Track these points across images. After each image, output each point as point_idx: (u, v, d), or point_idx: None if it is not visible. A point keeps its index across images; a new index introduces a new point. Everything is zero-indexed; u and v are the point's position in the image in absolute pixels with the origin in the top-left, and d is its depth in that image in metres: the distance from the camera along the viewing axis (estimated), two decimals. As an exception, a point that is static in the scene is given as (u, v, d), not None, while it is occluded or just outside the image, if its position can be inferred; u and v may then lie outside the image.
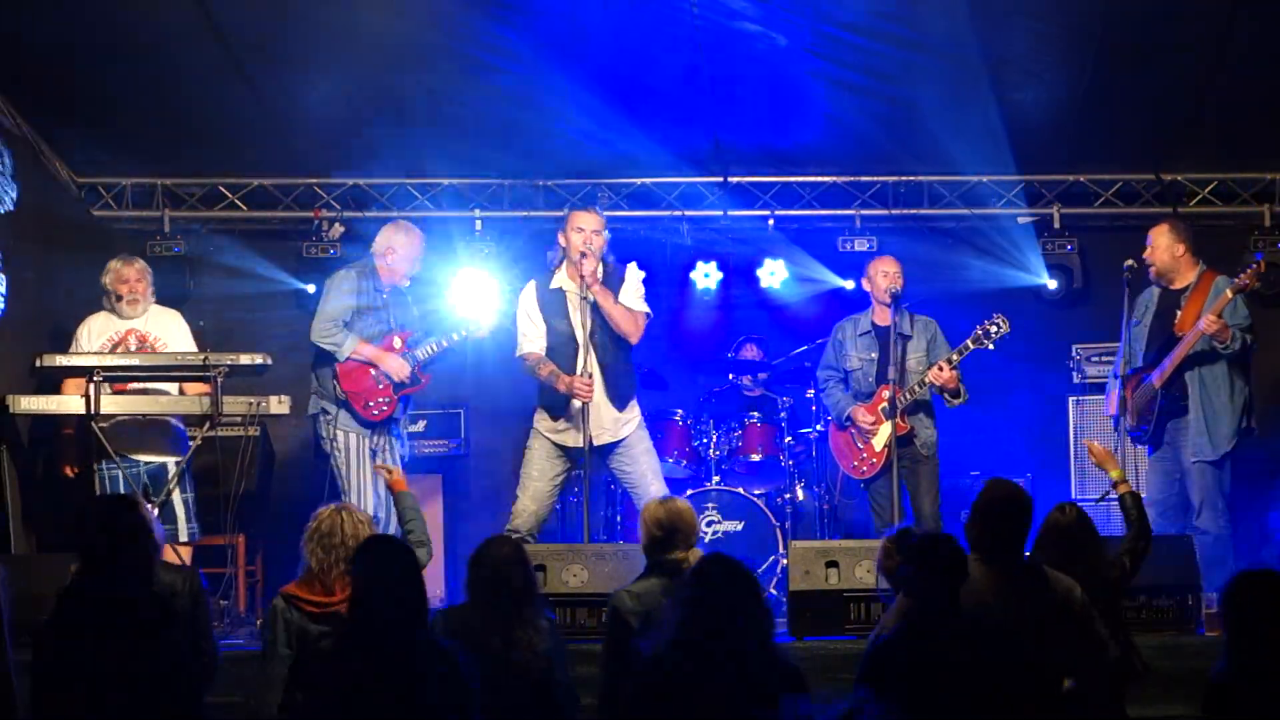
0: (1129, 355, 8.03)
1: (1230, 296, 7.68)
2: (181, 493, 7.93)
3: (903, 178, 10.12)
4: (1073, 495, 9.20)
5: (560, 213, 8.39)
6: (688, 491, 8.82)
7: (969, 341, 8.07)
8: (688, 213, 10.21)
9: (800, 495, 9.24)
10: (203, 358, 7.75)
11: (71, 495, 8.27)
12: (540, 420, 7.76)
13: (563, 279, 7.73)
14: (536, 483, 7.70)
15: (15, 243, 8.58)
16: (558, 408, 7.67)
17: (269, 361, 7.92)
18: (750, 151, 9.84)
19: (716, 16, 8.23)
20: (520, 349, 7.78)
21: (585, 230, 7.61)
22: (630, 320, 7.65)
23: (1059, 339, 9.77)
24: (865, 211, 10.18)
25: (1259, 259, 7.93)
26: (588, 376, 7.52)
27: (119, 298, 8.13)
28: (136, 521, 4.75)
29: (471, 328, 8.15)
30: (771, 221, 10.21)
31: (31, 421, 8.31)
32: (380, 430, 7.98)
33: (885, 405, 8.08)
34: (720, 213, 10.20)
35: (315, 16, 8.22)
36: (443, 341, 8.08)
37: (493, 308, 8.68)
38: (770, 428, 9.24)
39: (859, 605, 6.92)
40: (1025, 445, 9.91)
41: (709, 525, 8.85)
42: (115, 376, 7.75)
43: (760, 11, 8.21)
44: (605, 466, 7.94)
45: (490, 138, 9.61)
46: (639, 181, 10.17)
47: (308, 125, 9.40)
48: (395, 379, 7.91)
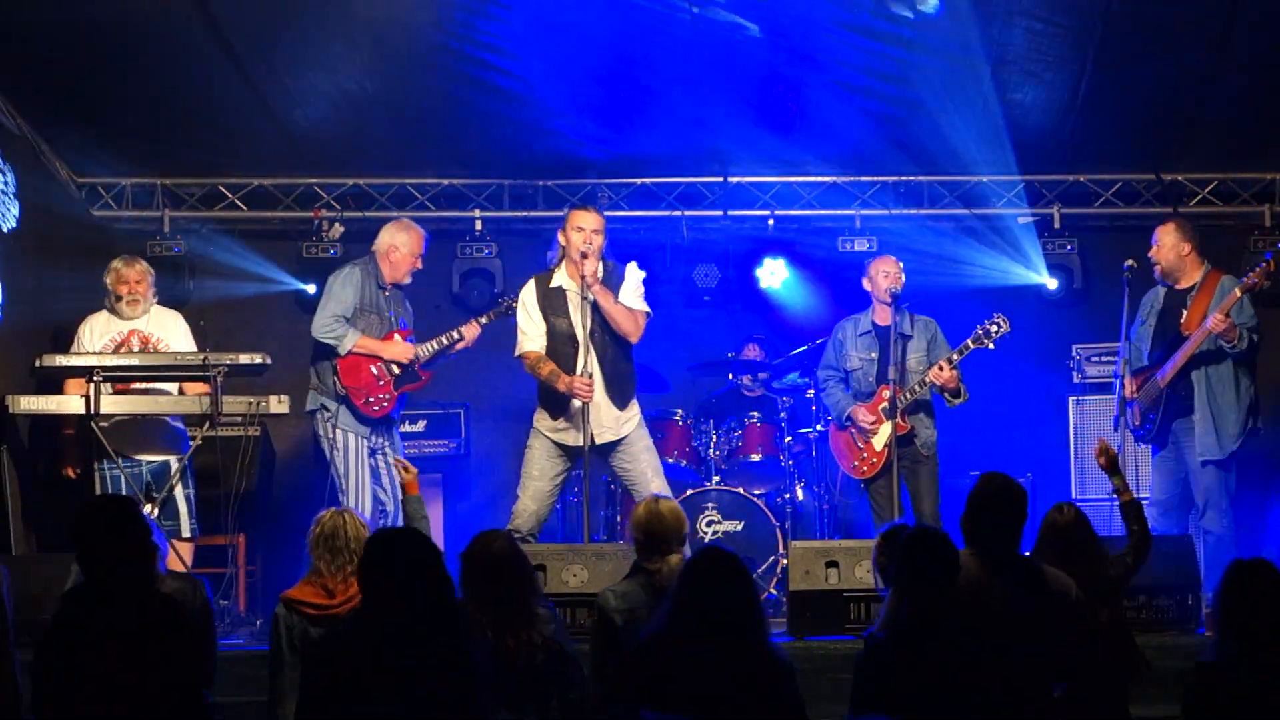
0: (1134, 355, 8.03)
1: (1239, 295, 7.67)
2: (184, 489, 7.95)
3: (903, 178, 10.12)
4: (1073, 495, 9.21)
5: (560, 213, 8.39)
6: (688, 491, 8.83)
7: (969, 341, 8.07)
8: (688, 213, 10.22)
9: (800, 495, 9.23)
10: (202, 357, 7.76)
11: (72, 495, 8.28)
12: (540, 419, 7.76)
13: (562, 278, 7.73)
14: (537, 482, 7.70)
15: (15, 243, 8.58)
16: (558, 407, 7.67)
17: (269, 361, 7.92)
18: (750, 151, 9.84)
19: (709, 12, 8.23)
20: (520, 348, 7.78)
21: (585, 229, 7.61)
22: (630, 319, 7.65)
23: (1059, 339, 9.77)
24: (865, 211, 10.18)
25: (1269, 258, 7.91)
26: (588, 376, 7.52)
27: (119, 298, 8.13)
28: (136, 522, 4.74)
29: (467, 333, 8.13)
30: (771, 222, 10.21)
31: (31, 421, 8.31)
32: (379, 430, 7.98)
33: (885, 405, 8.08)
34: (720, 213, 10.20)
35: (315, 17, 8.23)
36: (444, 340, 8.08)
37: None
38: (770, 428, 9.24)
39: (859, 605, 6.92)
40: (1025, 445, 9.91)
41: (709, 525, 8.84)
42: (117, 376, 7.76)
43: (761, 11, 8.22)
44: (606, 465, 7.93)
45: (490, 138, 9.62)
46: (639, 181, 10.18)
47: (308, 125, 9.40)
48: (402, 360, 7.90)
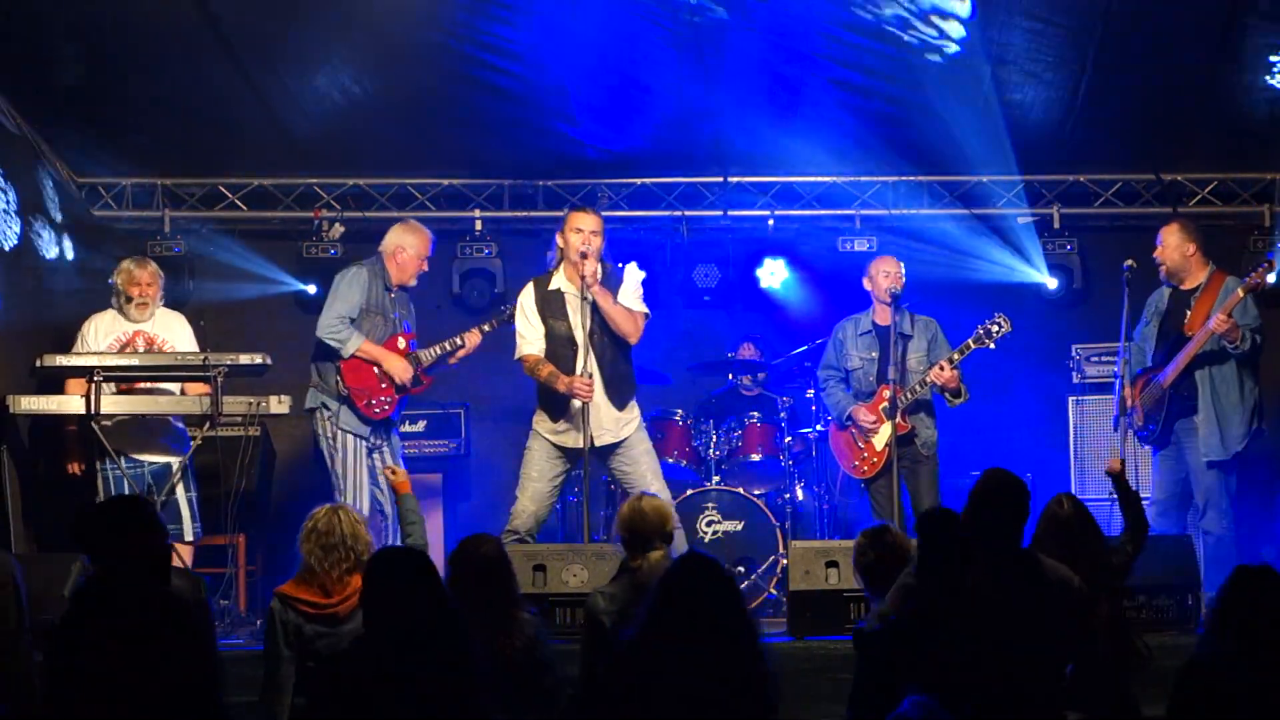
0: (1137, 355, 8.02)
1: (1241, 296, 7.67)
2: (186, 491, 7.94)
3: (903, 178, 10.13)
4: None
5: (560, 213, 8.39)
6: (688, 491, 8.83)
7: (970, 341, 8.07)
8: (688, 213, 10.22)
9: (800, 495, 9.23)
10: (202, 358, 7.76)
11: (72, 495, 8.27)
12: (540, 421, 7.75)
13: (561, 280, 7.72)
14: (536, 483, 7.69)
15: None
16: (557, 409, 7.66)
17: (269, 361, 7.93)
18: (750, 151, 9.84)
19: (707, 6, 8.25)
20: (519, 350, 7.77)
21: (584, 231, 7.60)
22: (630, 320, 7.65)
23: (1059, 339, 9.76)
24: (865, 211, 10.18)
25: (1270, 258, 7.91)
26: (588, 377, 7.52)
27: (129, 299, 8.11)
28: (149, 521, 4.71)
29: (469, 341, 8.10)
30: (771, 222, 10.21)
31: (32, 421, 8.31)
32: (379, 430, 7.98)
33: (886, 405, 8.08)
34: (720, 213, 10.20)
35: (316, 16, 8.23)
36: (445, 346, 8.05)
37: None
38: (770, 428, 9.23)
39: (859, 605, 6.92)
40: (1025, 445, 9.90)
41: (709, 525, 8.84)
42: (119, 376, 7.77)
43: (761, 10, 8.22)
44: (605, 467, 7.93)
45: (490, 138, 9.62)
46: (639, 181, 10.18)
47: (308, 125, 9.40)
48: (399, 379, 7.90)
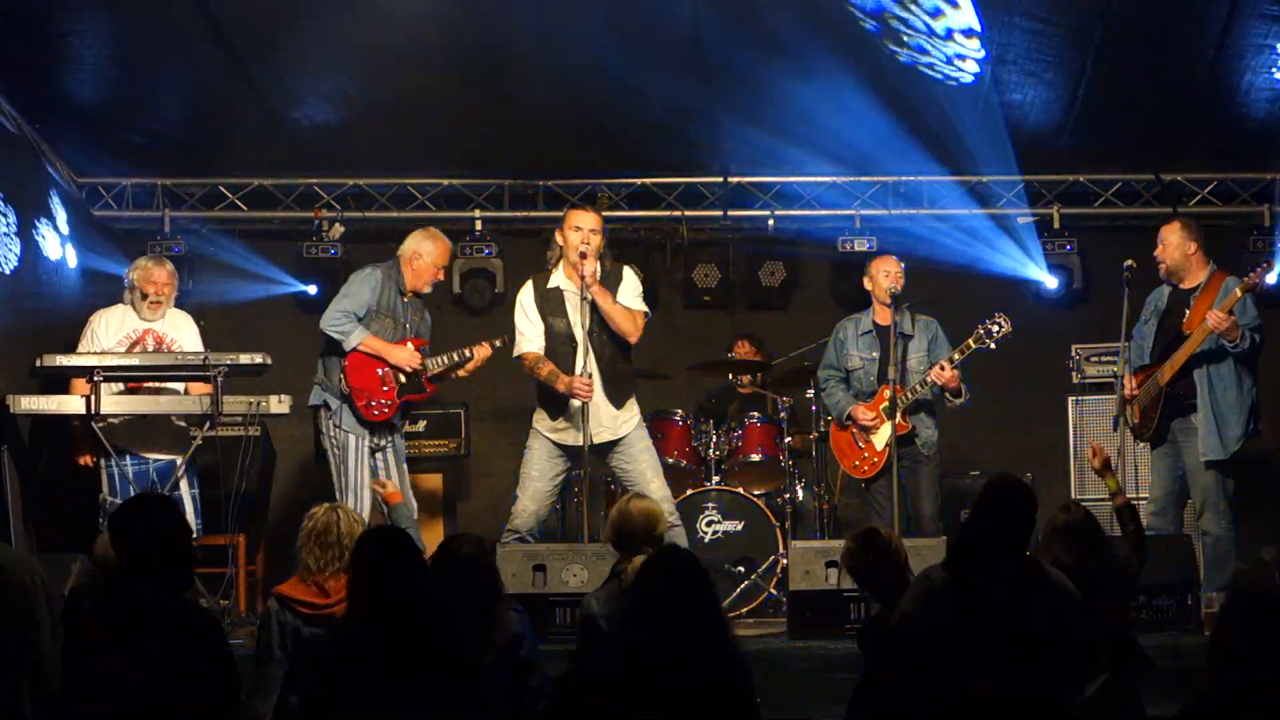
0: (1136, 353, 8.01)
1: (1239, 294, 7.66)
2: (189, 488, 7.95)
3: (903, 178, 10.13)
4: (1072, 495, 9.19)
5: (560, 213, 8.39)
6: (688, 491, 8.83)
7: (970, 341, 8.06)
8: (688, 213, 10.22)
9: (800, 495, 9.23)
10: (203, 357, 7.76)
11: (73, 495, 8.28)
12: (540, 420, 7.75)
13: (560, 278, 7.72)
14: (536, 483, 7.69)
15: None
16: (557, 407, 7.67)
17: (269, 361, 7.93)
18: (750, 151, 9.84)
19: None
20: (518, 349, 7.77)
21: (583, 229, 7.60)
22: (629, 320, 7.65)
23: (1059, 339, 9.76)
24: (865, 211, 10.19)
25: (1270, 257, 7.89)
26: (587, 376, 7.51)
27: (144, 296, 8.12)
28: (180, 521, 4.66)
29: (478, 354, 8.05)
30: (772, 222, 10.21)
31: (33, 421, 8.31)
32: (381, 431, 7.95)
33: (886, 405, 8.08)
34: (720, 213, 10.21)
35: (315, 16, 8.23)
36: (454, 356, 8.00)
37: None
38: (770, 428, 9.23)
39: (859, 605, 6.92)
40: (1025, 445, 9.92)
41: (709, 525, 8.84)
42: (121, 376, 7.77)
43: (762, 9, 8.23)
44: (605, 465, 7.93)
45: (490, 138, 9.62)
46: (639, 181, 10.18)
47: (308, 125, 9.40)
48: (407, 368, 7.85)
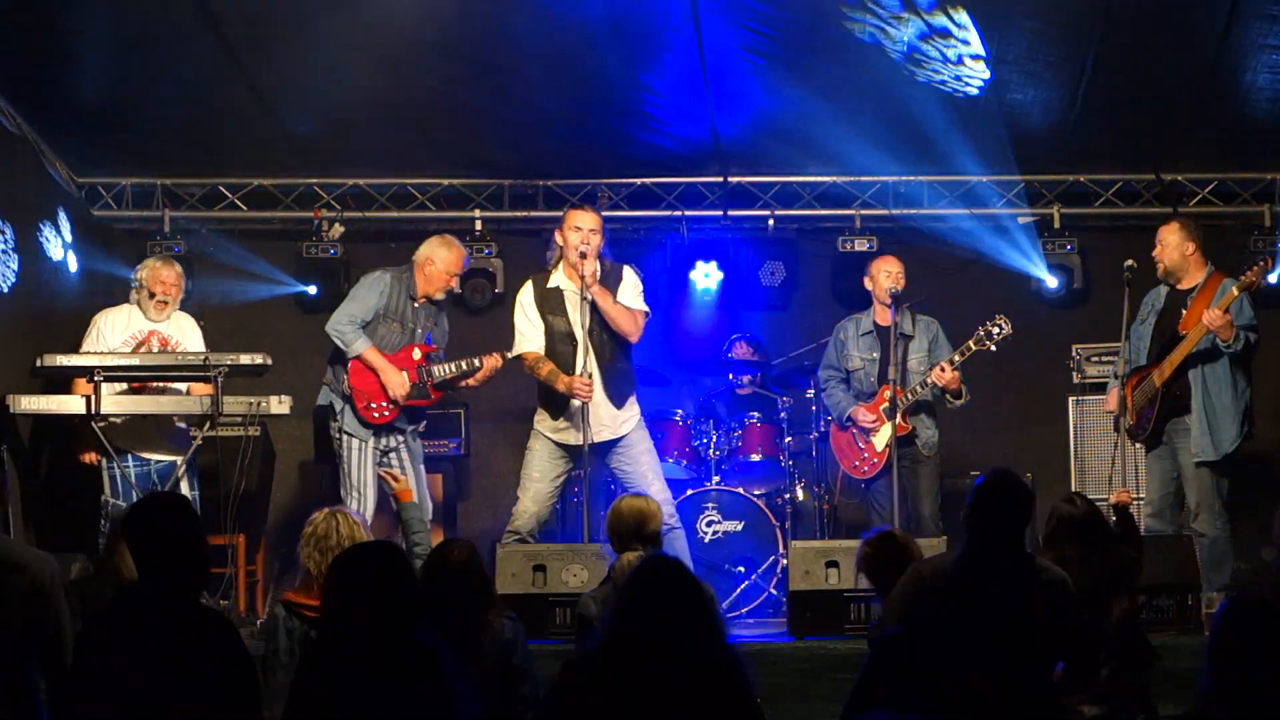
0: (1133, 353, 8.01)
1: (1236, 294, 7.65)
2: (190, 488, 7.95)
3: (903, 178, 10.13)
4: (1073, 494, 9.20)
5: (560, 213, 8.39)
6: (688, 491, 8.83)
7: (970, 343, 8.07)
8: (688, 213, 10.22)
9: (800, 495, 9.23)
10: (203, 357, 7.76)
11: (73, 495, 8.28)
12: (540, 420, 7.75)
13: (560, 278, 7.72)
14: (537, 484, 7.69)
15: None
16: (557, 407, 7.67)
17: (269, 361, 7.93)
18: (750, 151, 9.84)
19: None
20: (518, 348, 7.77)
21: (583, 229, 7.60)
22: (630, 319, 7.65)
23: (1059, 339, 9.76)
24: (865, 211, 10.19)
25: (1267, 256, 7.88)
26: (587, 376, 7.52)
27: (152, 295, 8.14)
28: (197, 523, 4.63)
29: (487, 364, 7.98)
30: (771, 222, 10.21)
31: (33, 421, 8.31)
32: (385, 432, 7.94)
33: (886, 405, 8.08)
34: (720, 213, 10.21)
35: (315, 16, 8.22)
36: (462, 365, 7.96)
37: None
38: (770, 428, 9.23)
39: (859, 605, 6.94)
40: (1025, 445, 9.91)
41: (709, 525, 8.85)
42: (121, 376, 7.78)
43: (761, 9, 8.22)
44: (605, 465, 7.93)
45: (490, 138, 9.62)
46: (639, 181, 10.18)
47: (308, 125, 9.40)
48: (395, 395, 7.84)
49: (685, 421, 9.28)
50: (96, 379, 7.59)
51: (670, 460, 9.00)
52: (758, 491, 9.05)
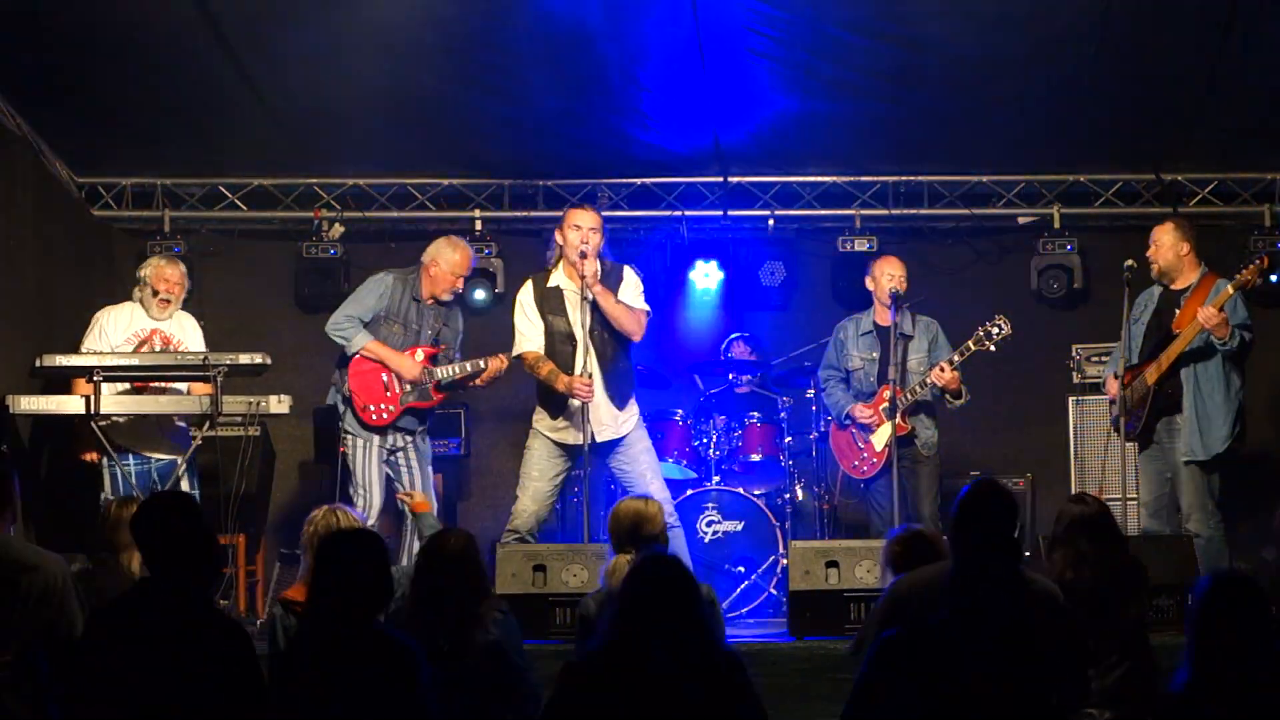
0: (1127, 353, 8.00)
1: (1231, 292, 7.65)
2: (190, 488, 7.95)
3: (903, 178, 10.12)
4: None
5: (560, 212, 8.40)
6: (688, 491, 8.83)
7: (970, 343, 8.06)
8: (688, 213, 10.22)
9: (800, 495, 9.23)
10: (202, 357, 7.77)
11: (72, 495, 8.28)
12: (539, 420, 7.75)
13: (560, 277, 7.72)
14: (537, 483, 7.69)
15: (15, 242, 8.59)
16: (557, 407, 7.67)
17: (269, 361, 7.92)
18: (750, 151, 9.84)
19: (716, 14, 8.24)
20: (517, 348, 7.77)
21: (583, 228, 7.60)
22: (633, 319, 7.65)
23: (1059, 339, 9.76)
24: (865, 211, 10.18)
25: (1263, 255, 7.88)
26: (587, 376, 7.51)
27: (155, 293, 8.15)
28: (199, 519, 4.62)
29: (491, 365, 7.97)
30: (772, 222, 10.21)
31: (33, 421, 8.31)
32: (389, 433, 7.94)
33: (886, 405, 8.08)
34: (720, 213, 10.20)
35: (315, 16, 8.21)
36: (466, 366, 7.98)
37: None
38: (770, 428, 9.23)
39: (859, 605, 6.93)
40: (1025, 445, 9.92)
41: (709, 525, 8.85)
42: (121, 376, 7.78)
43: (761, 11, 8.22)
44: (605, 465, 7.93)
45: (490, 138, 9.62)
46: (639, 181, 10.18)
47: (308, 125, 9.39)
48: (406, 377, 7.86)
49: (685, 421, 9.28)
50: (96, 379, 7.59)
51: (670, 460, 9.00)
52: (758, 491, 9.05)
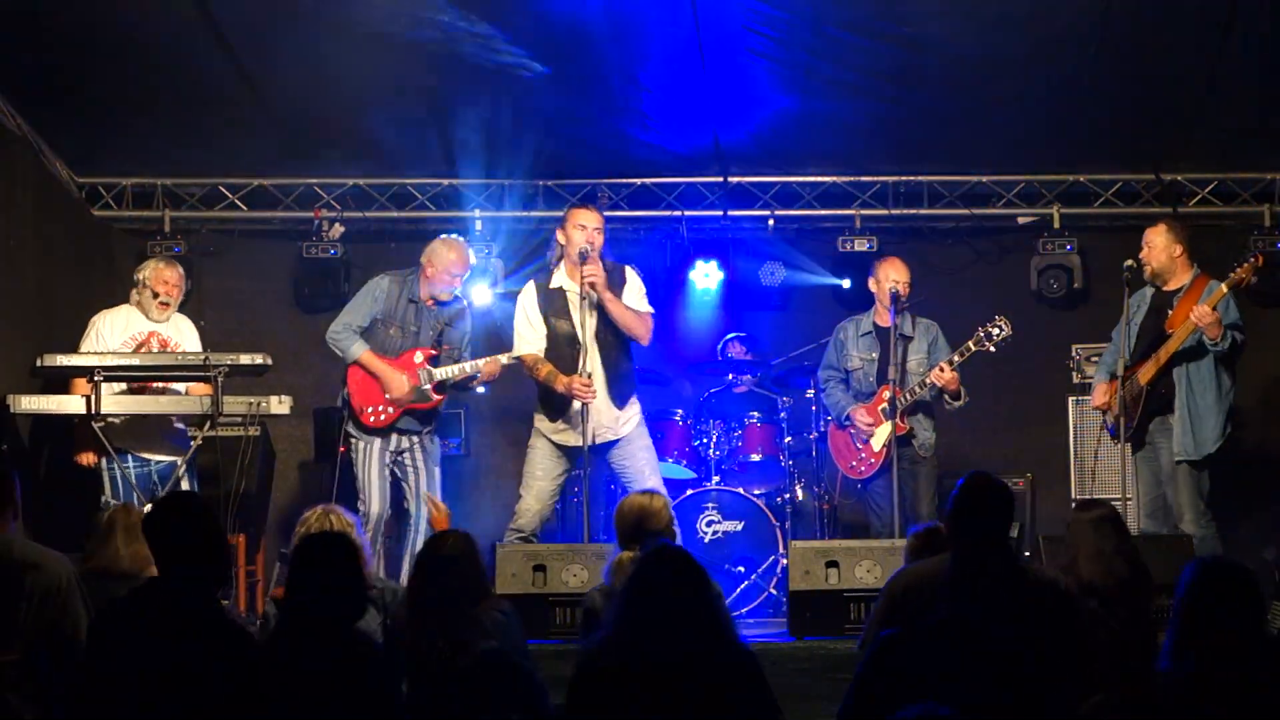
0: (1114, 355, 7.99)
1: (1225, 291, 7.64)
2: (190, 489, 7.95)
3: (903, 178, 10.12)
4: (1072, 496, 9.21)
5: (560, 213, 8.40)
6: (688, 491, 8.83)
7: (970, 343, 8.06)
8: (688, 213, 10.21)
9: (800, 495, 9.23)
10: (203, 357, 7.77)
11: (71, 495, 8.28)
12: (540, 421, 7.75)
13: (562, 278, 7.71)
14: (540, 482, 7.69)
15: (15, 242, 8.58)
16: (557, 408, 7.66)
17: (269, 361, 7.93)
18: (750, 151, 9.83)
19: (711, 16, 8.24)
20: (516, 350, 7.77)
21: (587, 228, 7.58)
22: (639, 322, 7.65)
23: (1059, 339, 9.76)
24: (865, 211, 10.18)
25: (1257, 254, 7.87)
26: (587, 376, 7.50)
27: (154, 295, 8.15)
28: (210, 519, 4.62)
29: (487, 368, 7.99)
30: (772, 222, 10.21)
31: (33, 421, 8.31)
32: (398, 433, 7.94)
33: (885, 405, 8.08)
34: (720, 213, 10.20)
35: (315, 16, 8.22)
36: (466, 368, 7.99)
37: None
38: (770, 428, 9.23)
39: (859, 605, 6.93)
40: (1025, 445, 9.91)
41: (709, 525, 8.84)
42: (121, 376, 7.78)
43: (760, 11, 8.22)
44: (606, 465, 7.93)
45: (490, 138, 9.61)
46: (639, 181, 10.17)
47: (308, 125, 9.39)
48: (392, 395, 7.86)
49: (685, 421, 9.28)
50: (96, 379, 7.60)
51: (670, 460, 9.00)
52: (758, 491, 9.05)
